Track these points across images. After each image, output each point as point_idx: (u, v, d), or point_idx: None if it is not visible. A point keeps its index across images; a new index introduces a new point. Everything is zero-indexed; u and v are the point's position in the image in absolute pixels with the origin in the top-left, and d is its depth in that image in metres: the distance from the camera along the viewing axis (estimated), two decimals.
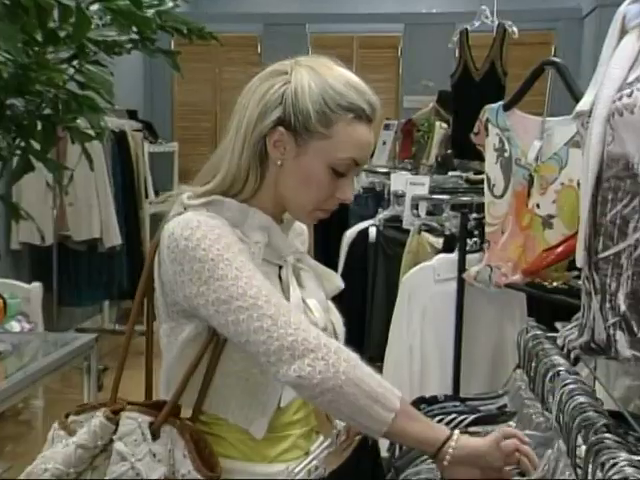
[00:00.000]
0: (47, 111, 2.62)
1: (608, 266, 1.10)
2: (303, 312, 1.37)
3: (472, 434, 1.33)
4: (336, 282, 1.51)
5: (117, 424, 1.32)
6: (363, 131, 1.36)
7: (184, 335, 1.34)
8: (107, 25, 2.54)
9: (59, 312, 4.95)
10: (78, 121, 2.75)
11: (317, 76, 1.35)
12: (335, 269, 2.77)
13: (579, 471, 1.07)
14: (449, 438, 1.23)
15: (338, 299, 1.52)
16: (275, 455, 1.37)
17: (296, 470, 1.36)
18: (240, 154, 1.36)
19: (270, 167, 1.37)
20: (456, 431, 1.26)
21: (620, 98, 1.06)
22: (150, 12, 2.54)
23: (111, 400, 1.38)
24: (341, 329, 1.48)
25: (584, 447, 1.06)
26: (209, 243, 1.26)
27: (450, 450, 1.22)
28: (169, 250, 1.29)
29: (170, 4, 2.67)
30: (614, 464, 0.92)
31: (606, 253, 1.10)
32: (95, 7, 2.52)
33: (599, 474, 0.97)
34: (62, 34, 2.44)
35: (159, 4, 2.62)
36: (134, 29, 2.60)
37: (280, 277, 1.40)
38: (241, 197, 1.38)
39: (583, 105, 1.17)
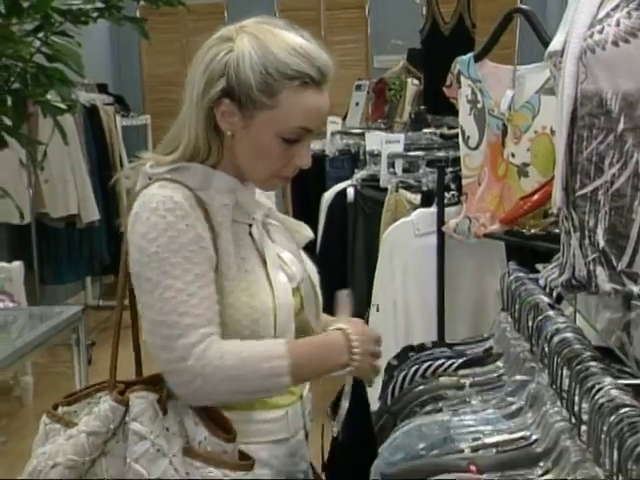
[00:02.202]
0: (16, 85, 2.59)
1: (586, 203, 1.12)
2: (280, 268, 1.40)
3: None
4: (305, 232, 1.52)
5: (127, 405, 1.32)
6: (312, 97, 1.32)
7: None
8: None
9: (42, 290, 4.94)
10: (48, 95, 2.72)
11: (259, 44, 1.30)
12: (315, 232, 2.78)
13: (564, 402, 1.09)
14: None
15: (320, 260, 1.56)
16: (273, 402, 1.41)
17: (293, 414, 1.43)
18: (196, 125, 1.36)
19: (225, 136, 1.36)
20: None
21: (591, 35, 1.07)
22: None
23: (110, 383, 1.37)
24: (316, 277, 1.51)
25: (567, 381, 1.08)
26: (155, 235, 1.28)
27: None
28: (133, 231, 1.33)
29: None
30: (600, 389, 0.94)
31: (583, 190, 1.12)
32: None
33: (584, 402, 0.99)
34: (25, 4, 2.41)
35: None
36: None
37: (251, 235, 1.42)
38: (208, 163, 1.38)
39: (555, 45, 1.17)
